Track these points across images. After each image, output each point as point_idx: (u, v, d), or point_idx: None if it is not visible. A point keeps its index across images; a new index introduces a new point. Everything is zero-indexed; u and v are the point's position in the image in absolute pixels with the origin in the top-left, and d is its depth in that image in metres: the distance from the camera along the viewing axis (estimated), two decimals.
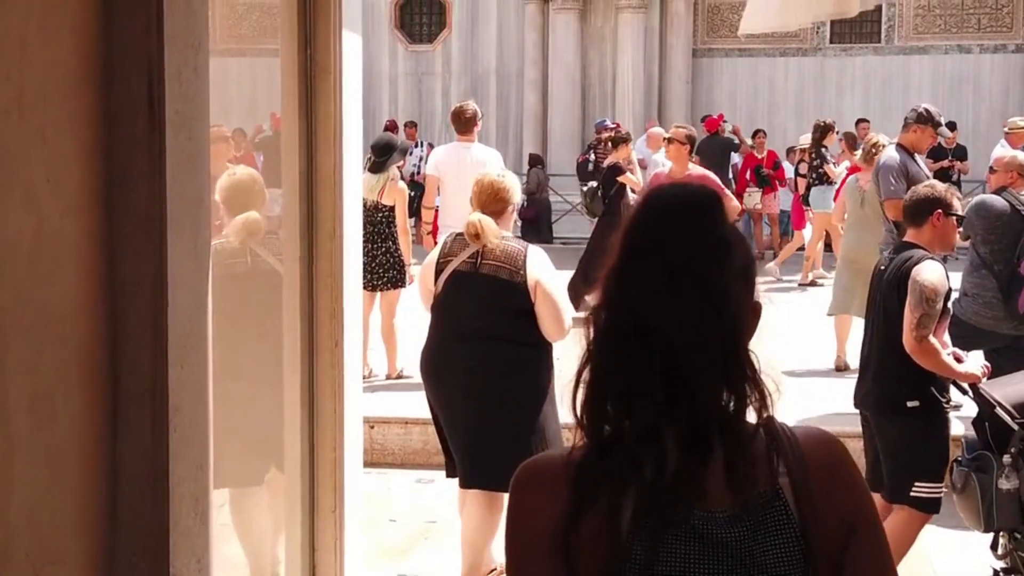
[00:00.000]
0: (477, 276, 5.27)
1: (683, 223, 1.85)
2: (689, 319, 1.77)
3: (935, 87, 22.87)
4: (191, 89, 2.68)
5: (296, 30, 4.43)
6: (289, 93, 4.47)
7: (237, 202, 4.96)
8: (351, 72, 4.67)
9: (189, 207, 2.69)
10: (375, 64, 24.21)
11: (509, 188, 5.48)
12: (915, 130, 8.68)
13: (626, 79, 22.44)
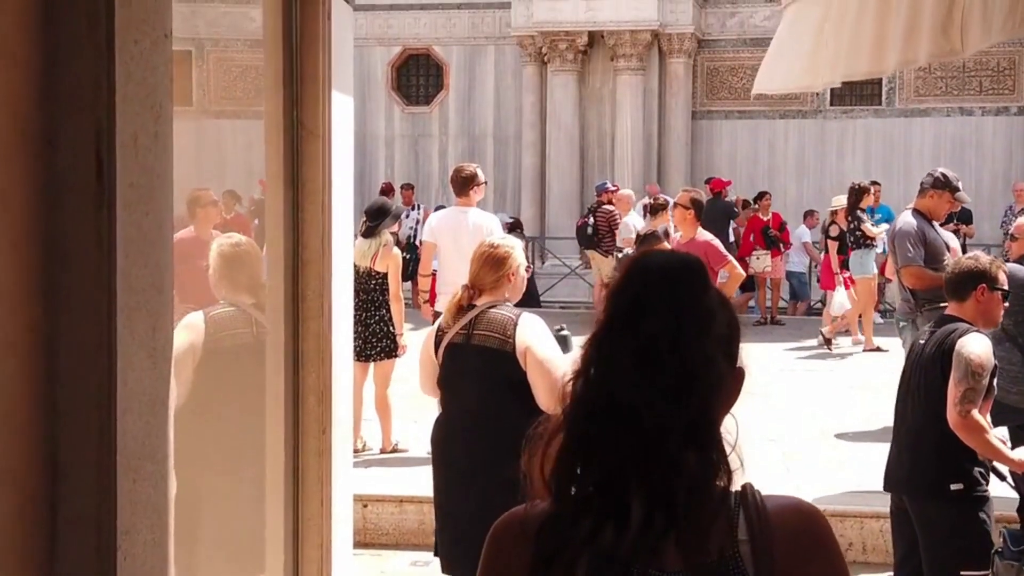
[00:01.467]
0: (469, 347, 4.96)
1: (662, 294, 1.87)
2: (662, 395, 1.81)
3: (937, 149, 22.67)
4: (149, 158, 2.31)
5: (281, 90, 4.08)
6: (274, 159, 4.12)
7: (234, 270, 4.57)
8: (342, 136, 4.33)
9: (145, 295, 2.31)
10: (371, 126, 24.02)
11: (506, 255, 5.09)
12: (932, 195, 8.36)
13: (625, 141, 22.20)
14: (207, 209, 5.20)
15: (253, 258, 4.60)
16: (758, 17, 23.08)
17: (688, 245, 9.42)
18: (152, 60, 2.33)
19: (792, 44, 4.50)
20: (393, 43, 24.21)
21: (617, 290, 1.92)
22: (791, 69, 4.52)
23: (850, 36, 3.45)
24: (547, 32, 22.06)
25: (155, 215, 2.36)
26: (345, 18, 4.38)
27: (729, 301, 2.00)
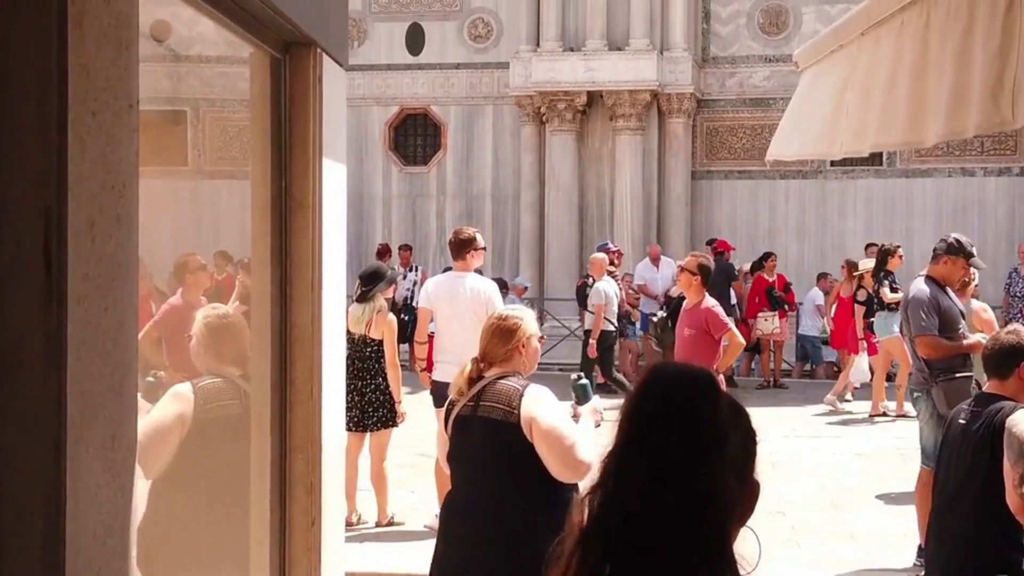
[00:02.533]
0: (475, 419, 4.76)
1: (676, 413, 1.92)
2: (676, 517, 1.87)
3: (939, 210, 22.49)
4: (109, 245, 2.03)
5: (268, 159, 3.81)
6: (260, 232, 3.84)
7: (221, 342, 4.28)
8: (333, 207, 4.06)
9: (103, 401, 2.02)
10: (368, 186, 23.85)
11: (515, 326, 4.86)
12: (946, 261, 8.10)
13: (624, 201, 21.99)
14: (196, 275, 4.98)
15: (239, 329, 4.34)
16: (757, 77, 22.99)
17: (692, 310, 9.17)
18: (114, 134, 2.05)
19: (810, 108, 4.24)
20: (391, 103, 24.09)
21: (633, 406, 1.98)
22: (808, 135, 4.25)
23: (881, 103, 3.20)
24: (546, 92, 21.93)
25: (116, 310, 2.07)
26: (337, 81, 4.12)
27: (743, 412, 2.06)
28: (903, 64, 3.01)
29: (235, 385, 4.04)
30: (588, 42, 21.88)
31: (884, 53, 3.20)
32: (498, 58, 23.45)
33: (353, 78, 23.03)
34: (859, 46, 3.51)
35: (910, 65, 2.95)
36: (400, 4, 24.03)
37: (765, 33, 22.97)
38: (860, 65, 3.46)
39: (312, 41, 3.84)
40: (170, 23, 3.62)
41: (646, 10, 21.73)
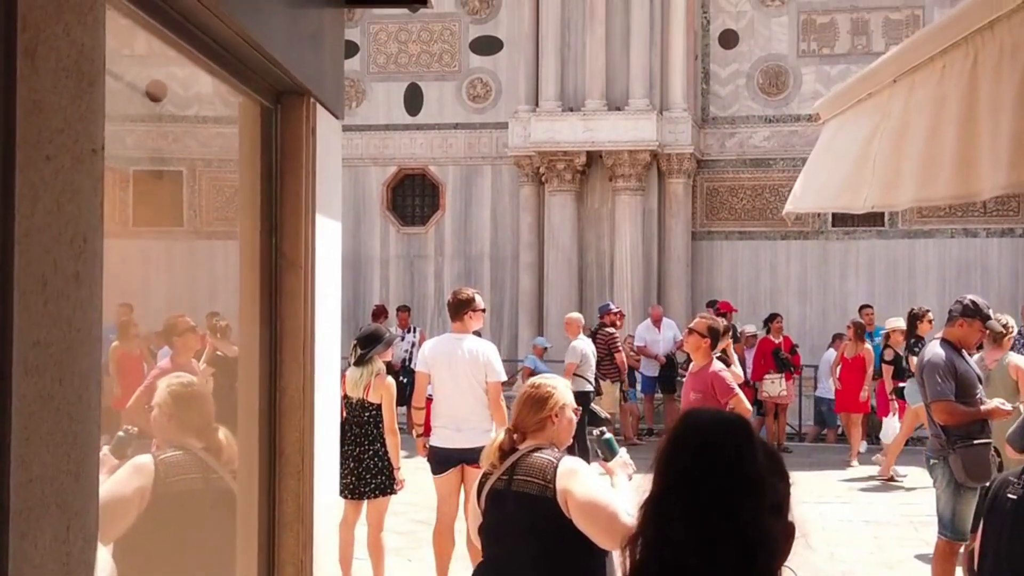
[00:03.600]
0: (509, 493, 4.59)
1: (713, 465, 1.93)
2: (721, 562, 1.87)
3: (942, 272, 22.29)
4: (66, 307, 1.77)
5: (258, 215, 3.57)
6: (248, 294, 3.58)
7: (185, 411, 4.01)
8: (327, 267, 3.80)
9: (56, 487, 1.75)
10: (366, 247, 23.69)
11: (548, 394, 4.68)
12: (962, 324, 7.85)
13: (624, 262, 21.77)
14: (185, 337, 4.73)
15: (204, 399, 4.08)
16: (757, 138, 22.88)
17: (699, 374, 8.90)
18: (73, 181, 1.80)
19: (832, 160, 4.01)
20: (389, 163, 23.96)
21: (669, 453, 1.98)
22: (828, 186, 4.01)
23: (920, 153, 2.95)
24: (545, 152, 21.79)
25: (74, 381, 1.81)
26: (332, 133, 3.89)
27: (776, 455, 2.05)
28: (947, 110, 2.78)
29: (197, 458, 3.79)
30: (587, 102, 21.78)
31: (922, 100, 2.97)
32: (497, 118, 23.35)
33: (351, 138, 22.95)
34: (890, 94, 3.28)
35: (957, 111, 2.71)
36: (399, 64, 23.98)
37: (765, 93, 22.89)
38: (892, 114, 3.23)
39: (305, 90, 3.61)
40: (166, 83, 3.41)
41: (645, 70, 21.65)
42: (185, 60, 3.02)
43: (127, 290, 3.48)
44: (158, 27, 2.73)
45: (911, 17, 22.30)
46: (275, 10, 3.32)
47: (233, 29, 2.97)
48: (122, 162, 3.28)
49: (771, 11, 22.83)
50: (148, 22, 2.61)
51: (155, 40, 2.81)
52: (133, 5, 2.44)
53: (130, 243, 3.42)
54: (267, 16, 3.23)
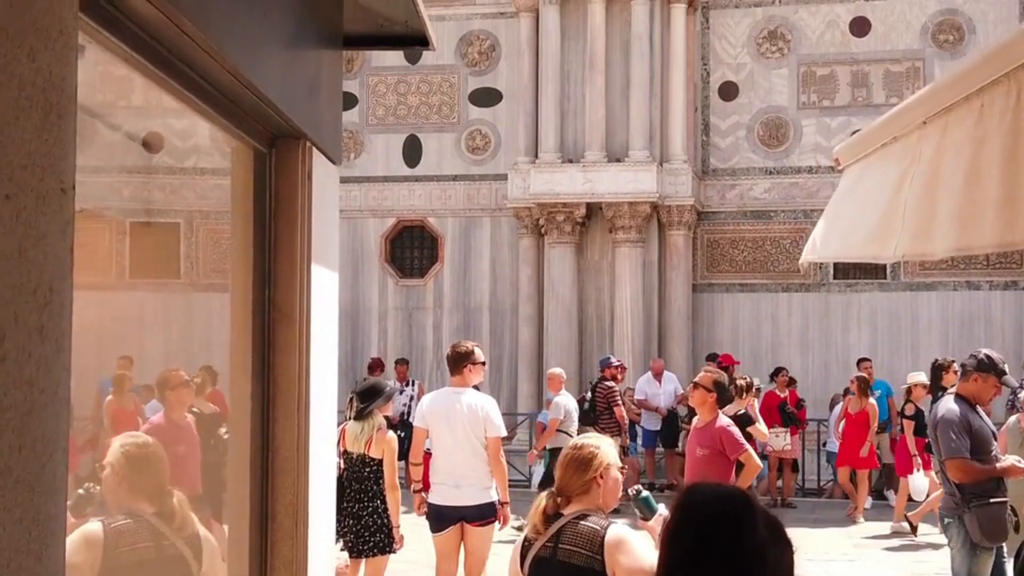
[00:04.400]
0: (555, 562, 4.42)
1: (715, 540, 1.99)
2: None
3: (944, 325, 22.11)
4: (28, 366, 1.57)
5: (251, 264, 3.38)
6: (239, 347, 3.38)
7: (138, 473, 3.77)
8: (323, 319, 3.61)
9: (12, 571, 1.55)
10: (364, 299, 23.54)
11: (591, 455, 4.49)
12: (976, 379, 7.65)
13: (625, 314, 21.59)
14: (178, 391, 4.53)
15: (160, 461, 3.86)
16: (758, 190, 22.78)
17: (705, 429, 8.69)
18: (36, 224, 1.61)
19: (856, 207, 3.81)
20: (387, 215, 23.84)
21: (671, 535, 2.04)
22: (853, 235, 3.80)
23: (960, 199, 2.77)
24: (544, 203, 21.68)
25: (36, 448, 1.61)
26: (329, 179, 3.71)
27: (778, 525, 2.08)
28: (988, 151, 2.60)
29: (149, 525, 3.57)
30: (587, 153, 21.70)
31: (958, 141, 2.79)
32: (496, 170, 23.26)
33: (350, 190, 22.87)
34: (920, 136, 3.11)
35: (1000, 151, 2.53)
36: (397, 116, 23.92)
37: (765, 145, 22.81)
38: (923, 157, 3.05)
39: (301, 134, 3.43)
40: (163, 134, 3.25)
41: (645, 122, 21.59)
42: (172, 99, 2.84)
43: (122, 343, 3.29)
44: (143, 63, 2.55)
45: (912, 69, 22.27)
46: (269, 50, 3.14)
47: (225, 68, 2.79)
48: (120, 213, 3.11)
49: (771, 63, 22.80)
50: (132, 56, 2.43)
51: (138, 76, 2.64)
52: (114, 36, 2.26)
53: (125, 295, 3.24)
54: (261, 56, 3.06)
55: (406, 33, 4.13)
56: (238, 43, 2.78)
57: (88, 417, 3.47)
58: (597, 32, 21.64)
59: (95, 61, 2.44)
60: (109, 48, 2.32)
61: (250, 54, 2.91)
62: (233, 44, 2.78)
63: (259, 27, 3.01)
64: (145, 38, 2.48)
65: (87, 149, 2.55)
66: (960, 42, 22.04)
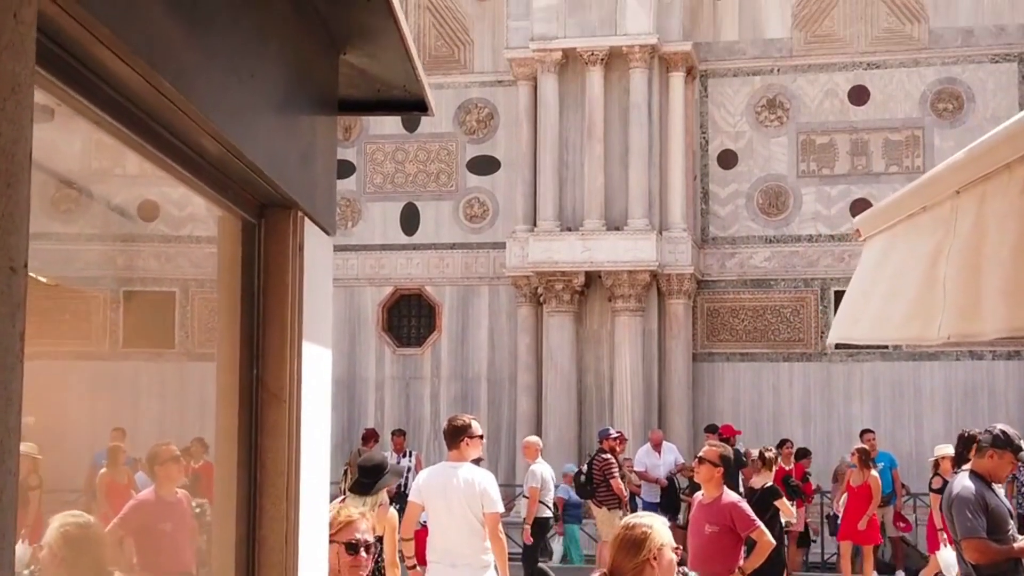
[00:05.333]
0: None
1: None
2: None
3: (948, 395, 21.88)
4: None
5: (238, 341, 3.16)
6: (225, 430, 3.16)
7: (77, 555, 3.50)
8: (315, 399, 3.39)
9: None
10: (360, 369, 23.35)
11: (644, 535, 4.28)
12: (992, 455, 7.40)
13: (624, 384, 21.37)
14: (167, 466, 4.28)
15: (101, 543, 3.59)
16: (758, 258, 22.64)
17: (713, 505, 8.42)
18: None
19: (887, 284, 3.58)
20: (384, 283, 23.69)
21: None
22: (888, 315, 3.57)
23: (1007, 274, 2.56)
24: (543, 272, 21.54)
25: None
26: (322, 250, 3.50)
27: None
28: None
29: None
30: (586, 222, 21.60)
31: (1000, 213, 2.60)
32: (494, 238, 23.15)
33: (347, 258, 22.75)
34: (954, 207, 2.91)
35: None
36: (395, 184, 23.84)
37: (765, 214, 22.71)
38: (960, 230, 2.86)
39: (292, 203, 3.24)
40: (159, 203, 3.05)
41: (644, 190, 21.51)
42: (152, 166, 2.64)
43: (113, 416, 3.09)
44: (116, 125, 2.35)
45: (911, 138, 22.23)
46: (257, 114, 2.96)
47: (207, 132, 2.60)
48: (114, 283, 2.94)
49: (770, 131, 22.76)
50: (103, 119, 2.24)
51: (112, 140, 2.44)
52: (81, 96, 2.07)
53: (116, 366, 3.04)
54: (248, 120, 2.87)
55: (404, 98, 3.95)
56: (222, 106, 2.59)
57: (80, 490, 3.25)
58: (596, 100, 21.63)
59: (66, 124, 2.25)
60: (78, 110, 2.13)
61: (236, 118, 2.72)
62: (217, 107, 2.59)
63: (246, 90, 2.82)
64: (118, 98, 2.29)
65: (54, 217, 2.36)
66: (960, 111, 22.02)
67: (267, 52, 2.92)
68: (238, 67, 2.70)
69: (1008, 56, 21.93)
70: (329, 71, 3.64)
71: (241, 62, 2.68)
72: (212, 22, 2.48)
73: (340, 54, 3.67)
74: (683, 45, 21.97)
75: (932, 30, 22.20)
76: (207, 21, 2.44)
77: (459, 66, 23.63)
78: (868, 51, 22.40)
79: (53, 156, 2.34)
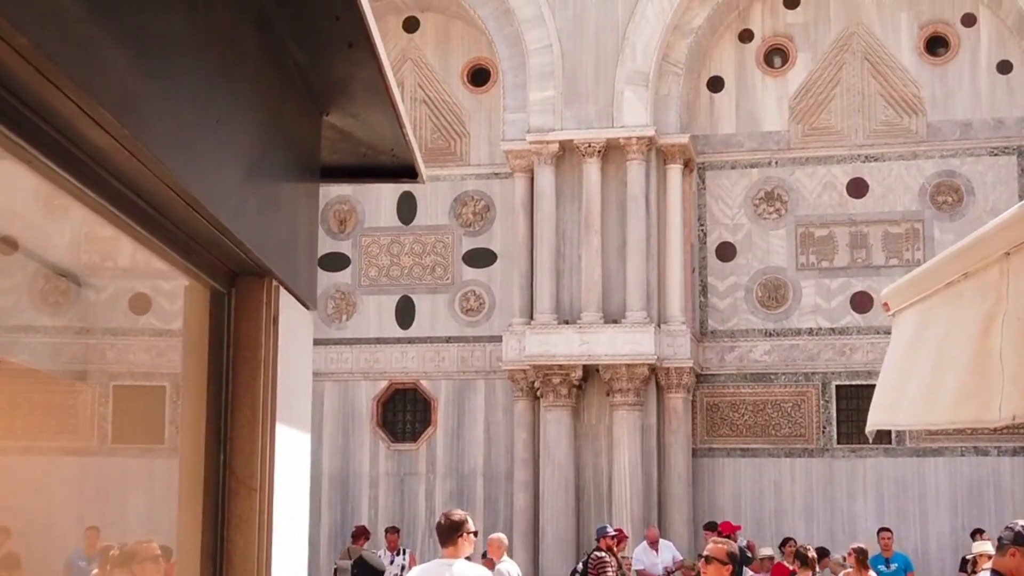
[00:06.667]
0: None
1: None
2: None
3: (953, 492, 21.48)
4: None
5: (203, 422, 2.85)
6: (189, 521, 2.83)
7: None
8: (291, 490, 3.06)
9: None
10: (354, 465, 23.02)
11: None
12: (1013, 553, 6.99)
13: (623, 480, 20.96)
14: (144, 566, 3.95)
15: None
16: (758, 352, 22.34)
17: None
18: None
19: (930, 361, 3.23)
20: (379, 377, 23.36)
21: None
22: (935, 396, 3.22)
23: None
24: (540, 365, 21.23)
25: None
26: (301, 325, 3.20)
27: None
28: None
29: None
30: (583, 314, 21.36)
31: None
32: (490, 331, 22.87)
33: (341, 352, 22.50)
34: (1004, 270, 2.62)
35: None
36: (390, 277, 23.62)
37: (764, 307, 22.47)
38: (1011, 294, 2.56)
39: (267, 270, 2.94)
40: (150, 296, 2.78)
41: (642, 282, 21.31)
42: (109, 225, 2.35)
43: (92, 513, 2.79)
44: (72, 182, 2.06)
45: (911, 231, 22.07)
46: (229, 174, 2.68)
47: (172, 188, 2.31)
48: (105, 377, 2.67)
49: (768, 224, 22.60)
50: (58, 175, 1.95)
51: (68, 199, 2.15)
52: (33, 148, 1.78)
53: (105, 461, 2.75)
54: (219, 180, 2.59)
55: (392, 164, 3.68)
56: (182, 152, 2.31)
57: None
58: (593, 192, 21.51)
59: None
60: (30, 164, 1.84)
61: (199, 169, 2.44)
62: (185, 165, 2.31)
63: (218, 148, 2.55)
64: (75, 152, 2.01)
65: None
66: (959, 203, 21.90)
67: (237, 99, 2.64)
68: (211, 124, 2.42)
69: (1007, 149, 21.85)
70: (310, 132, 3.37)
71: (204, 104, 2.40)
72: (168, 58, 2.20)
73: (323, 114, 3.40)
74: (680, 137, 21.91)
75: (930, 123, 22.15)
76: (161, 55, 2.16)
77: (455, 158, 23.55)
78: (866, 144, 22.34)
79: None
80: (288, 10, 2.69)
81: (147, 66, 2.03)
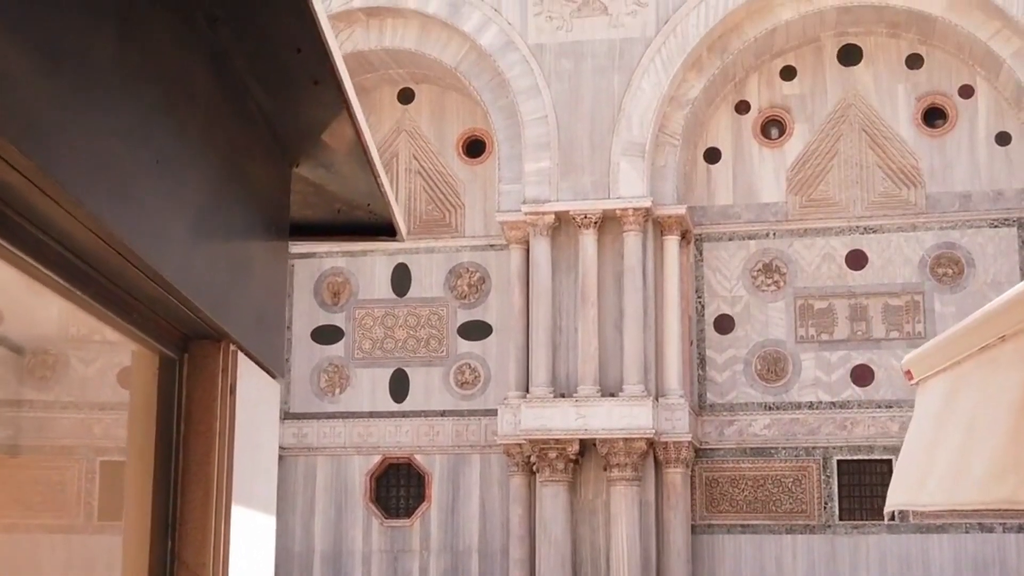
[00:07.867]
0: None
1: None
2: None
3: (958, 570, 21.08)
4: None
5: (150, 503, 2.54)
6: None
7: None
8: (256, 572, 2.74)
9: None
10: (347, 541, 22.64)
11: None
12: None
13: (621, 558, 20.53)
14: None
15: None
16: (757, 426, 21.98)
17: None
18: None
19: (960, 434, 2.92)
20: (372, 452, 22.98)
21: None
22: (966, 473, 2.90)
23: None
24: (536, 440, 20.87)
25: None
26: (264, 395, 2.89)
27: None
28: None
29: None
30: (580, 388, 21.04)
31: None
32: (485, 405, 22.54)
33: (334, 426, 22.20)
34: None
35: None
36: (384, 350, 23.32)
37: (763, 380, 22.14)
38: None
39: (223, 334, 2.64)
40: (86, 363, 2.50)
41: (640, 355, 21.02)
42: (40, 286, 2.06)
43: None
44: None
45: (911, 303, 21.81)
46: (179, 229, 2.39)
47: (101, 237, 2.02)
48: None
49: (766, 296, 22.35)
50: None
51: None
52: None
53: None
54: (167, 236, 2.30)
55: (370, 221, 3.40)
56: (123, 209, 2.02)
57: None
58: (589, 264, 21.29)
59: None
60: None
61: (142, 225, 2.15)
62: (115, 209, 2.02)
63: (158, 193, 2.26)
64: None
65: None
66: (960, 276, 21.67)
67: (183, 140, 2.36)
68: (132, 147, 2.12)
69: (1007, 221, 21.66)
70: (278, 184, 3.08)
71: (139, 142, 2.10)
72: (92, 85, 1.91)
73: (292, 166, 3.12)
74: (677, 209, 21.72)
75: (929, 195, 21.98)
76: (82, 81, 1.87)
77: (450, 230, 23.36)
78: (865, 216, 22.15)
79: None
80: (245, 43, 2.42)
81: (60, 91, 1.74)
